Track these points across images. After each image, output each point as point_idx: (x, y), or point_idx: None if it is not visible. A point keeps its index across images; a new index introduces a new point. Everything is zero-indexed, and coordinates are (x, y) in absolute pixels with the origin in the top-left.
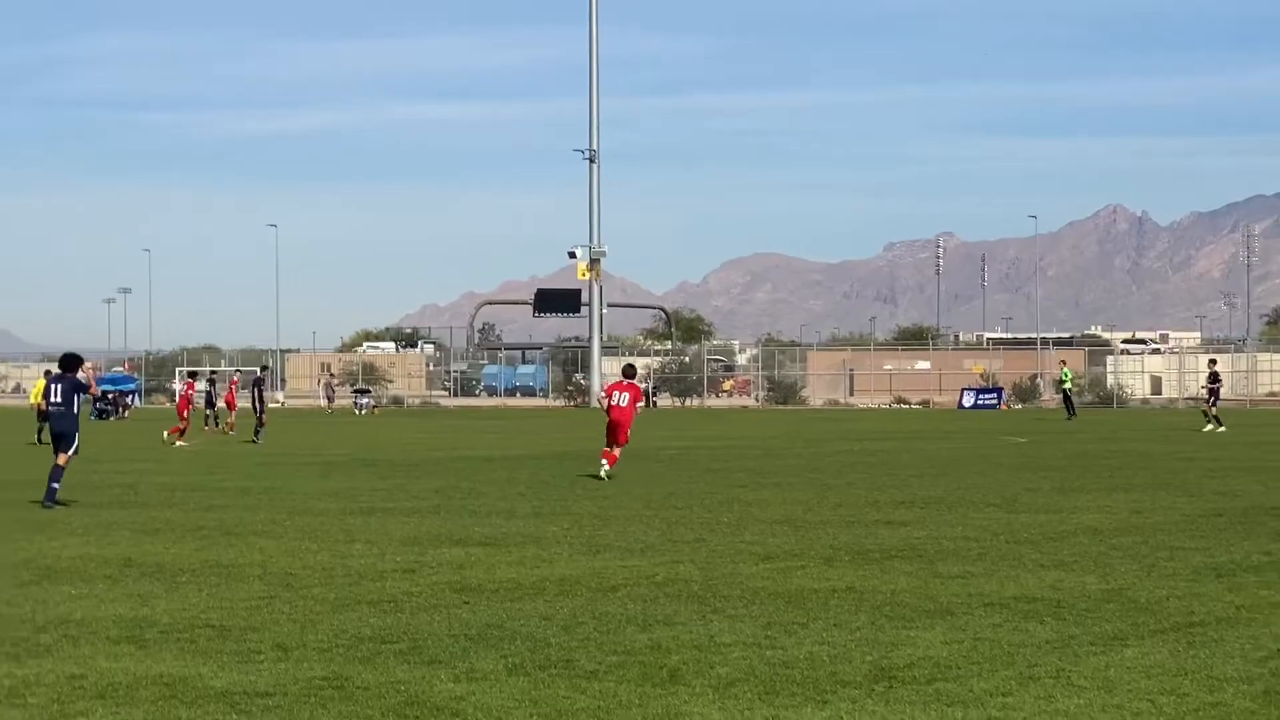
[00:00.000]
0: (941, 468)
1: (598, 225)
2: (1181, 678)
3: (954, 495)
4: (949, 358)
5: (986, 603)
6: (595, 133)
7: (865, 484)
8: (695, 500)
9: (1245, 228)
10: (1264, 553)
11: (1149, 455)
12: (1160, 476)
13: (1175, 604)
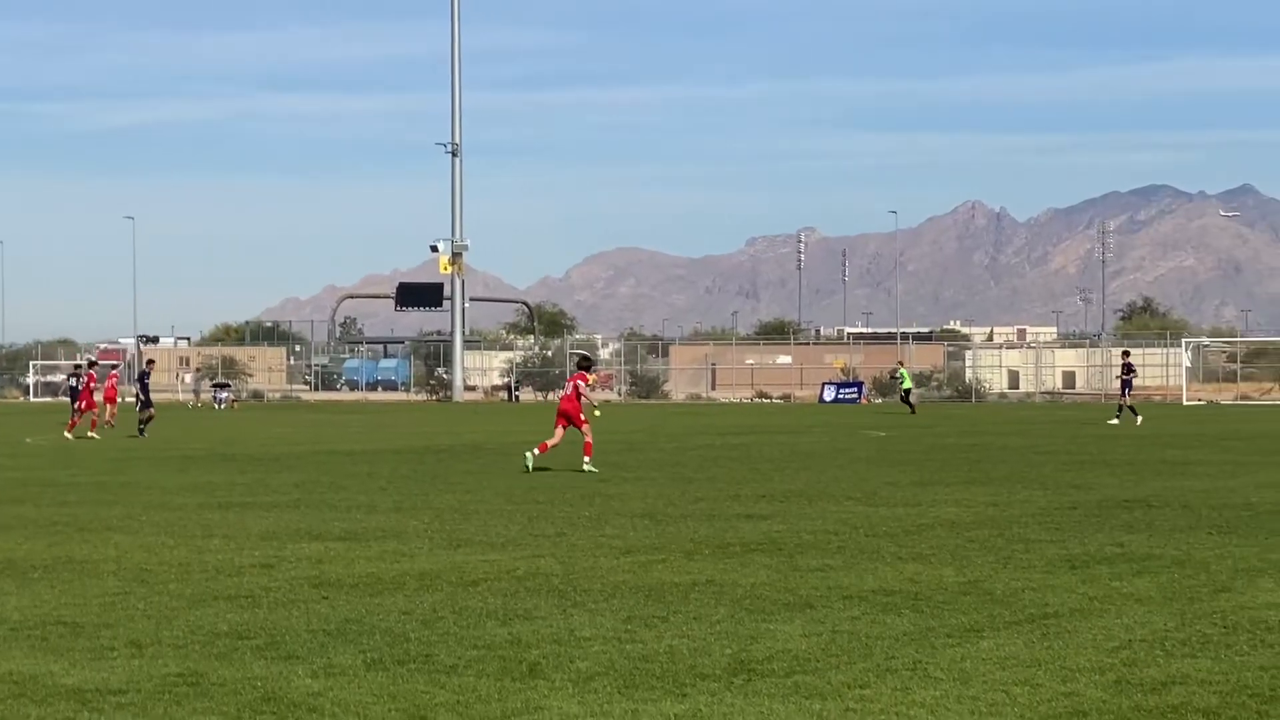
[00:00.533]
0: (802, 462)
1: (460, 219)
2: (1036, 668)
3: (814, 489)
4: (810, 352)
5: (845, 596)
6: (458, 126)
7: (726, 478)
8: (556, 495)
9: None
10: (1116, 545)
11: (1006, 449)
12: (1017, 470)
13: (1030, 596)
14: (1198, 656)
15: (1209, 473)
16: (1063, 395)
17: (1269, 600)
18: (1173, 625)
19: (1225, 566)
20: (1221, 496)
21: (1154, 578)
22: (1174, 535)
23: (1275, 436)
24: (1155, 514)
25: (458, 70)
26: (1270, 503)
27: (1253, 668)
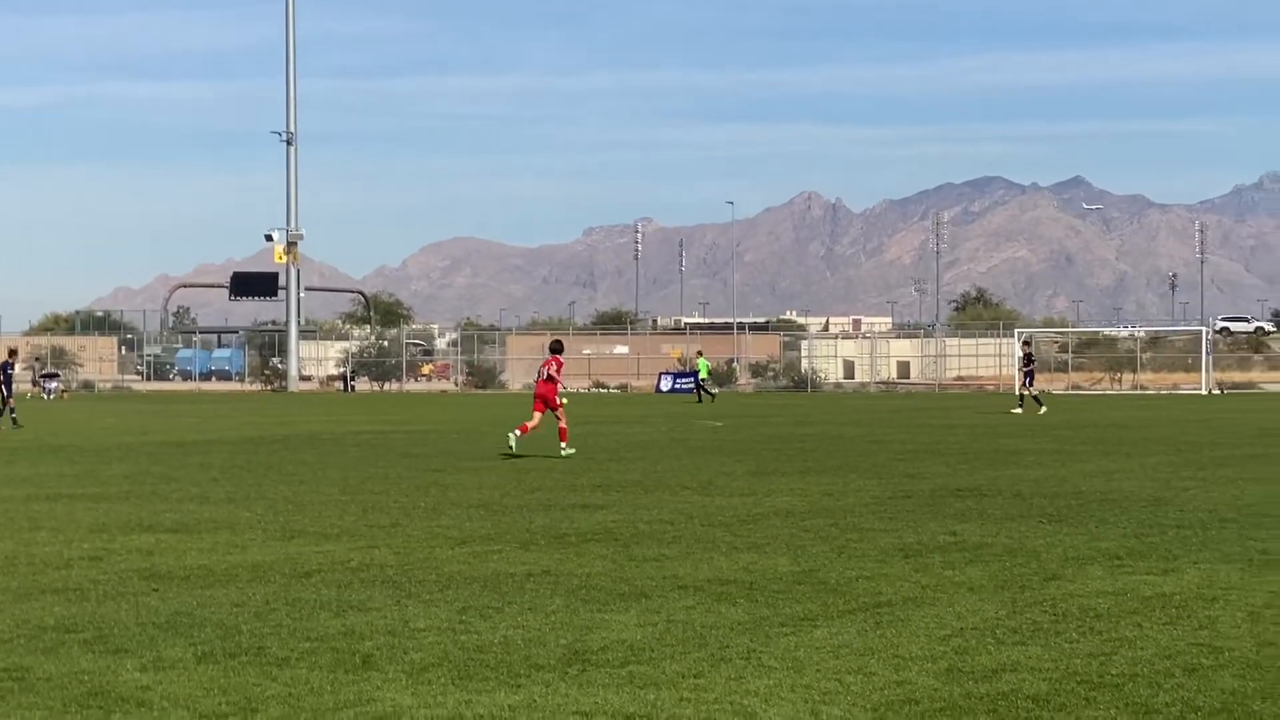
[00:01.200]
0: (638, 451)
1: (295, 208)
2: (869, 657)
3: (650, 479)
4: (647, 342)
5: (680, 585)
6: (293, 114)
7: (562, 468)
8: (392, 485)
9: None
10: (949, 533)
11: (841, 439)
12: (851, 460)
13: (864, 585)
14: (1028, 644)
15: (1040, 462)
16: (897, 385)
17: (1098, 588)
18: (1004, 613)
19: (1055, 555)
20: (1052, 485)
21: (985, 566)
22: (1005, 524)
23: (1105, 426)
24: (987, 503)
25: (292, 57)
26: (1099, 491)
27: (1081, 654)
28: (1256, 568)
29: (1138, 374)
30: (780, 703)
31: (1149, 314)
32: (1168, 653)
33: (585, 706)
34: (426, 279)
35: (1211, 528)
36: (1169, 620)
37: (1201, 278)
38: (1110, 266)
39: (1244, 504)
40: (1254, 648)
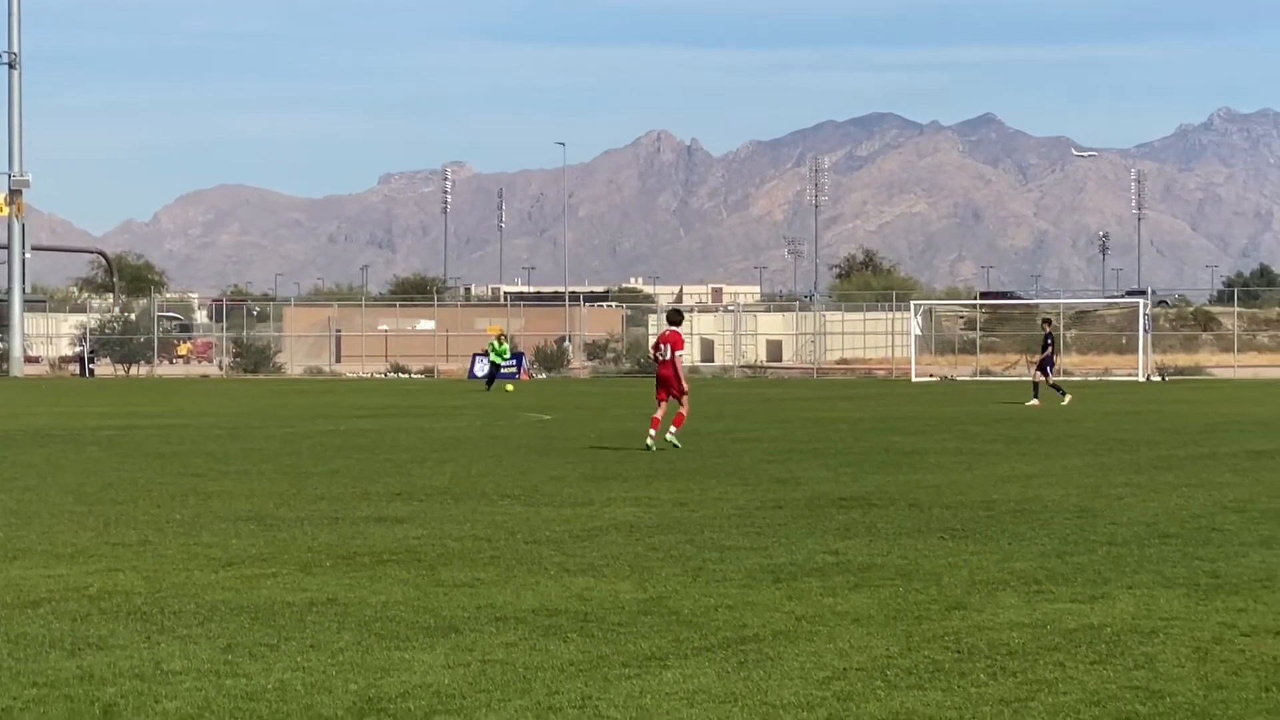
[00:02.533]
0: (448, 452)
1: (20, 148)
2: (731, 704)
3: (462, 485)
4: (459, 316)
5: (499, 617)
6: (15, 31)
7: (353, 472)
8: (140, 493)
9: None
10: (830, 552)
11: (698, 435)
12: (710, 461)
13: (725, 615)
14: (926, 688)
15: (942, 464)
16: (766, 369)
17: (1011, 619)
18: (896, 650)
19: (959, 578)
20: (956, 493)
21: (874, 592)
22: (899, 540)
23: (1021, 420)
24: (877, 514)
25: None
26: (1013, 500)
27: (991, 700)
28: (1203, 593)
29: (1061, 355)
30: None
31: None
32: (1096, 698)
33: None
34: (184, 237)
35: (1149, 545)
36: (1098, 658)
37: (1139, 238)
38: (1027, 224)
39: (1188, 515)
40: (1201, 692)
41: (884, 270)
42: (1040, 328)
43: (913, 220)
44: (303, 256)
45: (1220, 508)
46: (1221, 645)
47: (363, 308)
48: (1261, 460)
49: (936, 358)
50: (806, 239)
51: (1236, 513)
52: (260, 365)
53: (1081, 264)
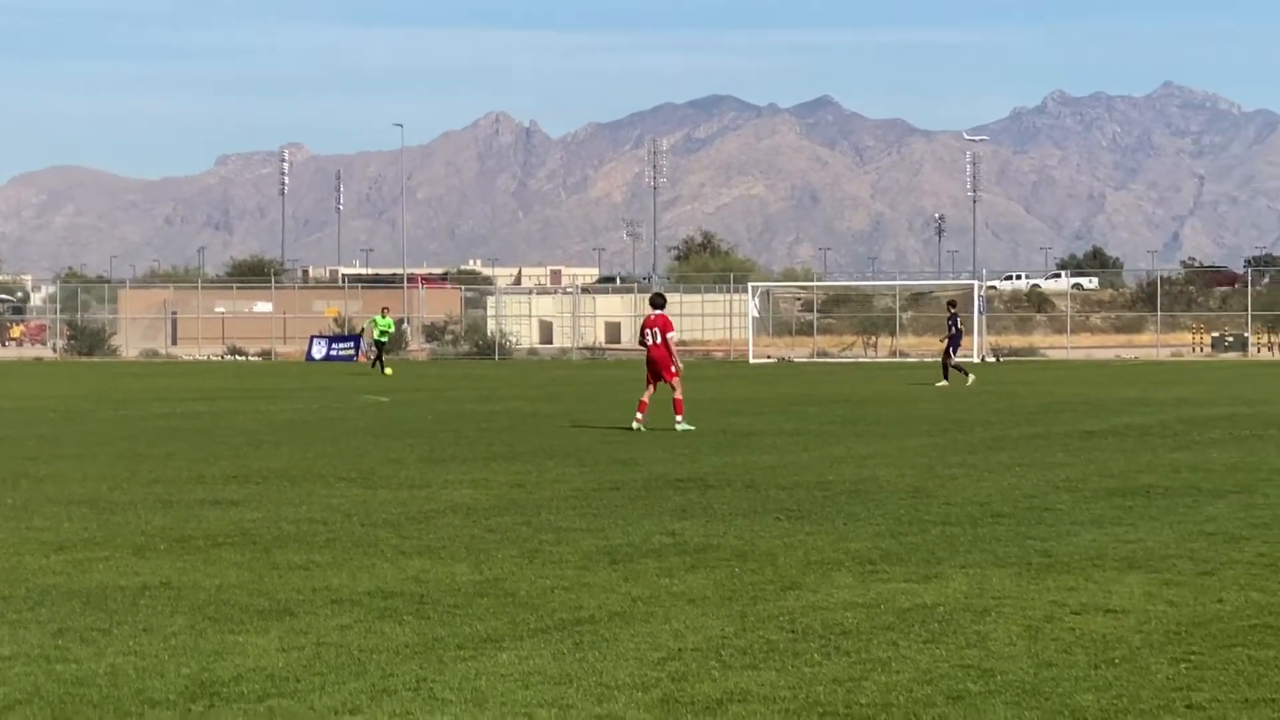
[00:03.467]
0: (284, 434)
1: None
2: (566, 686)
3: (298, 468)
4: (296, 298)
5: (334, 600)
6: None
7: (188, 455)
8: None
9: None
10: (667, 533)
11: (536, 417)
12: (548, 443)
13: (561, 597)
14: (760, 668)
15: (778, 445)
16: (605, 351)
17: (845, 599)
18: (731, 630)
19: (795, 559)
20: (792, 474)
21: (710, 573)
22: (735, 521)
23: (857, 401)
24: (713, 496)
25: None
26: (848, 481)
27: (824, 680)
28: (1035, 572)
29: (897, 337)
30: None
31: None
32: (928, 676)
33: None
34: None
35: (982, 524)
36: (930, 637)
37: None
38: (864, 206)
39: (1021, 495)
40: (1031, 670)
41: (722, 252)
42: (945, 309)
43: (751, 202)
44: (139, 238)
45: (1052, 487)
46: (1052, 623)
47: (199, 290)
48: (1093, 440)
49: (774, 339)
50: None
51: (1068, 492)
52: (95, 348)
53: (918, 245)
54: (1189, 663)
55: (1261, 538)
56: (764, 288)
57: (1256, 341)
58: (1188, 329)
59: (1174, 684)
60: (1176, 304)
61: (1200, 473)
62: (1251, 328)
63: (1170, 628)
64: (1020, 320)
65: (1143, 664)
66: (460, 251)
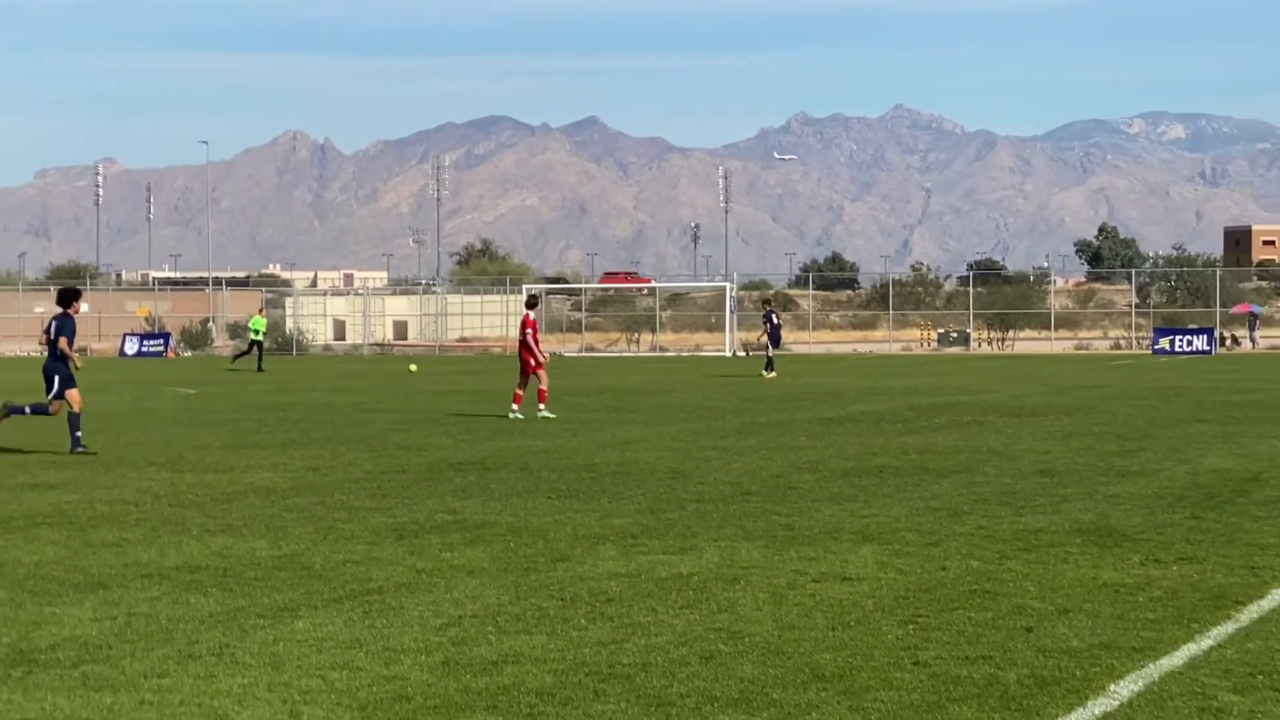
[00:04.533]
0: (99, 423)
1: None
2: (356, 650)
3: (112, 454)
4: (110, 299)
5: (144, 574)
6: None
7: (8, 441)
8: None
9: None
10: (448, 511)
11: (330, 407)
12: (340, 430)
13: (352, 570)
14: (533, 632)
15: (550, 431)
16: (393, 347)
17: (610, 569)
18: (507, 599)
19: (564, 534)
20: (562, 457)
21: (488, 547)
22: (510, 500)
23: (621, 391)
24: (491, 477)
25: None
26: (613, 463)
27: (590, 643)
28: (780, 545)
29: (657, 334)
30: (255, 703)
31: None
32: (684, 639)
33: (31, 713)
34: None
35: (733, 502)
36: (686, 604)
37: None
38: (628, 216)
39: (768, 475)
40: (775, 632)
41: (499, 257)
42: (761, 307)
43: (525, 212)
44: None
45: (796, 468)
46: (795, 590)
47: (20, 292)
48: (832, 426)
49: (546, 336)
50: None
51: (810, 473)
52: None
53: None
54: (916, 624)
55: (981, 512)
56: (537, 289)
57: (978, 337)
58: (916, 326)
59: (903, 643)
60: (907, 304)
61: (927, 454)
62: (973, 325)
63: (900, 593)
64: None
65: (875, 626)
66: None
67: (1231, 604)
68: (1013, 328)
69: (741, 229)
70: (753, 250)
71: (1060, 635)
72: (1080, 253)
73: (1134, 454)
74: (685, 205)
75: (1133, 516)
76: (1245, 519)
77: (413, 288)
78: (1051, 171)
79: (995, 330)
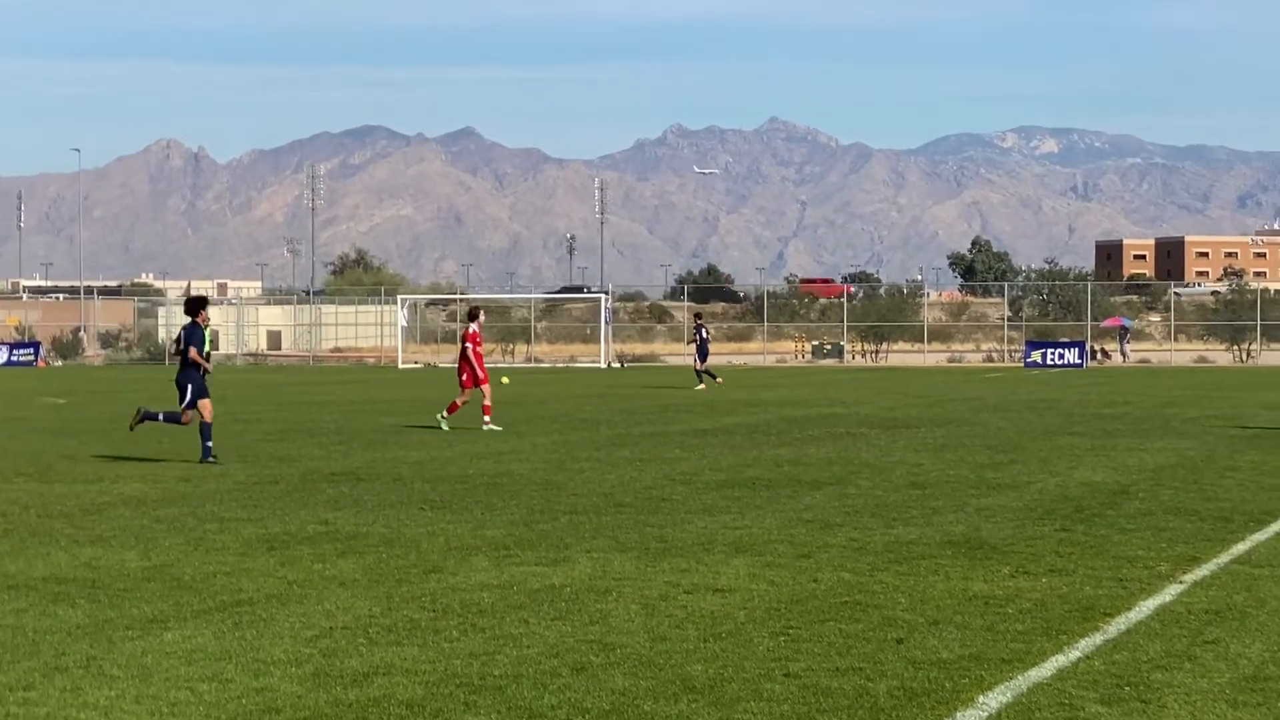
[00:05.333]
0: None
1: None
2: (226, 662)
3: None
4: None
5: (11, 585)
6: None
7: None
8: None
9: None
10: (320, 522)
11: None
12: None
13: (223, 581)
14: (404, 644)
15: (424, 442)
16: (267, 357)
17: (481, 580)
18: (378, 610)
19: (437, 545)
20: (436, 468)
21: (360, 559)
22: (383, 511)
23: (496, 404)
24: (364, 488)
25: None
26: (487, 474)
27: (462, 654)
28: (652, 556)
29: (532, 345)
30: (123, 716)
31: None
32: (555, 650)
33: None
34: None
35: (606, 513)
36: (558, 615)
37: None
38: (504, 227)
39: (641, 487)
40: (647, 643)
41: (375, 268)
42: (692, 321)
43: (401, 222)
44: None
45: (669, 480)
46: (667, 601)
47: None
48: (706, 438)
49: (422, 347)
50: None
51: (683, 484)
52: None
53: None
54: (787, 636)
55: (853, 524)
56: (412, 300)
57: (852, 349)
58: (791, 338)
59: (774, 655)
60: (782, 315)
61: (800, 466)
62: (847, 337)
63: (771, 605)
64: (643, 330)
65: (747, 637)
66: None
67: (1099, 616)
68: (886, 340)
69: (617, 240)
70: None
71: (930, 647)
72: (954, 266)
73: (1005, 466)
74: (561, 216)
75: (1003, 529)
76: (1114, 531)
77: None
78: (925, 185)
79: (869, 343)
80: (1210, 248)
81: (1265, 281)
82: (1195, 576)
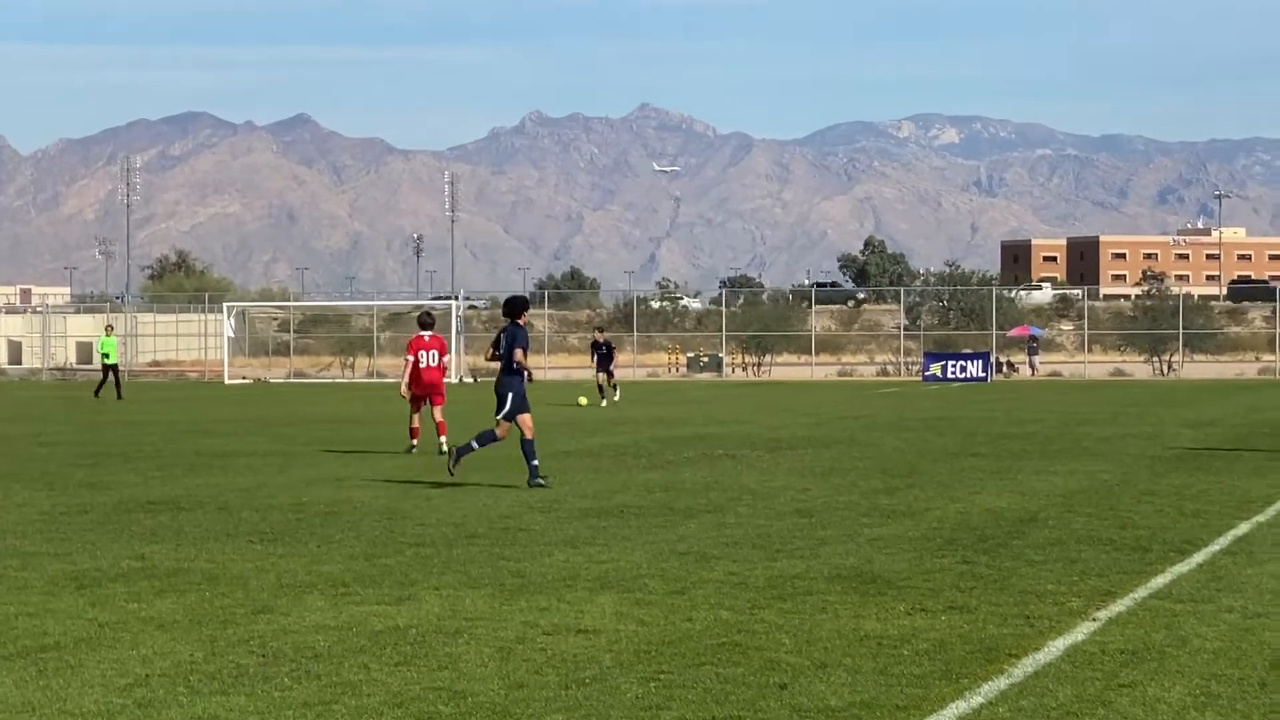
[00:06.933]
0: None
1: None
2: (29, 714)
3: None
4: None
5: None
6: None
7: None
8: None
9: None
10: (136, 557)
11: (4, 439)
12: (14, 466)
13: (26, 623)
14: (230, 693)
15: (253, 467)
16: (77, 371)
17: (317, 621)
18: (201, 655)
19: (267, 582)
20: (267, 496)
21: (180, 597)
22: (207, 544)
23: (337, 421)
24: (185, 518)
25: None
26: (323, 503)
27: (295, 704)
28: (508, 593)
29: (375, 358)
30: None
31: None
32: (400, 699)
33: None
34: None
35: (457, 545)
36: (402, 660)
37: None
38: (343, 225)
39: (496, 515)
40: (502, 691)
41: (197, 271)
42: (594, 334)
43: (227, 221)
44: None
45: (527, 508)
46: (524, 644)
47: None
48: (569, 460)
49: (250, 360)
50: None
51: (543, 513)
52: None
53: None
54: (659, 681)
55: (731, 556)
56: (240, 307)
57: (731, 362)
58: (663, 349)
59: (643, 703)
60: (653, 324)
61: (673, 492)
62: (726, 348)
63: (641, 647)
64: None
65: (613, 683)
66: None
67: (1004, 657)
68: (770, 351)
69: (469, 240)
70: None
71: (817, 692)
72: (845, 269)
73: (900, 492)
74: (407, 214)
75: (898, 561)
76: (1021, 563)
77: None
78: (813, 179)
79: (750, 354)
80: (1127, 248)
81: (1188, 286)
82: (1110, 613)
